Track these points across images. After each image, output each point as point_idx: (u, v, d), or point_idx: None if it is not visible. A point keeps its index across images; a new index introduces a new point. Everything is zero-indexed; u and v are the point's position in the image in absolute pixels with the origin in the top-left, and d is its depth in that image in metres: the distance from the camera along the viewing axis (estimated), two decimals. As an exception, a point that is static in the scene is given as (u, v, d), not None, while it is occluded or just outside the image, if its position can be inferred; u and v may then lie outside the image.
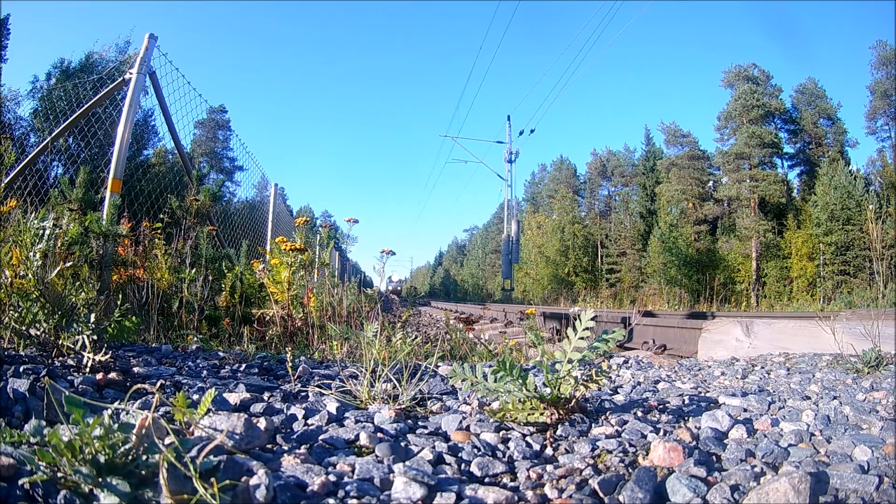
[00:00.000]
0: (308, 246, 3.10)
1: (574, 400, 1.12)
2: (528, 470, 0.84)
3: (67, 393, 0.82)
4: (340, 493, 0.71)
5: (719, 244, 25.61)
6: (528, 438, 0.99)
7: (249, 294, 3.29)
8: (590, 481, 0.79)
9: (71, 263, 1.73)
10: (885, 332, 1.99)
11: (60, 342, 1.44)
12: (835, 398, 1.34)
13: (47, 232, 1.79)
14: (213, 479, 0.70)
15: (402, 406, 1.21)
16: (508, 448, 0.94)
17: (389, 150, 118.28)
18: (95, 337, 1.43)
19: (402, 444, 0.94)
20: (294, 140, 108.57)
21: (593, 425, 1.08)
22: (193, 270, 3.05)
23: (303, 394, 1.34)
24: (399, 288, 40.82)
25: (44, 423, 0.79)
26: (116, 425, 0.70)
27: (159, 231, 3.46)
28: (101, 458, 0.65)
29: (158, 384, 1.32)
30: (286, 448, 0.88)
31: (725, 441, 1.01)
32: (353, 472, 0.78)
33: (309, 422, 1.07)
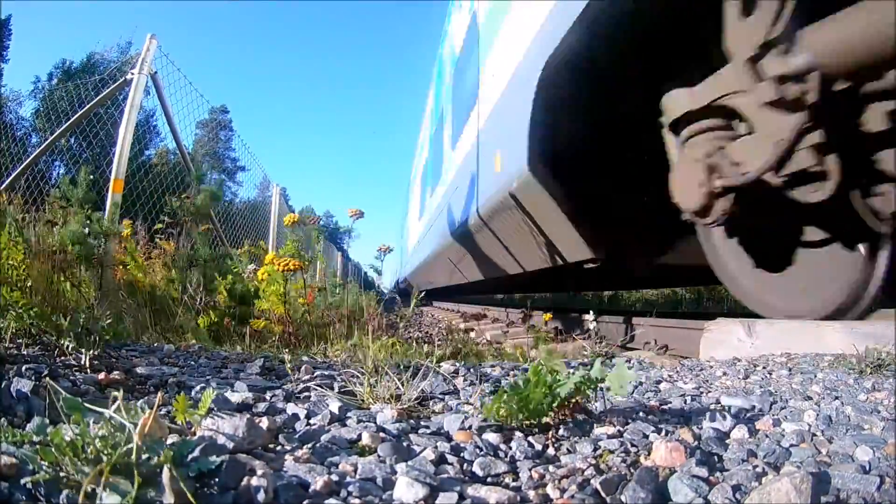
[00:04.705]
0: (308, 245, 3.11)
1: (576, 400, 1.11)
2: (530, 470, 0.84)
3: (66, 395, 0.82)
4: (343, 493, 0.71)
5: (721, 244, 25.44)
6: (530, 438, 0.99)
7: (246, 295, 3.30)
8: (592, 481, 0.79)
9: (72, 264, 1.74)
10: (885, 332, 1.99)
11: (62, 342, 1.44)
12: (836, 398, 1.34)
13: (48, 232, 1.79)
14: (215, 479, 0.70)
15: (405, 406, 1.21)
16: (510, 448, 0.94)
17: (391, 150, 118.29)
18: (97, 337, 1.44)
19: (405, 443, 0.94)
20: (296, 140, 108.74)
21: (595, 425, 1.08)
22: (189, 271, 3.06)
23: (305, 393, 1.34)
24: None
25: (47, 421, 0.79)
26: (118, 425, 0.70)
27: (160, 231, 3.47)
28: (104, 458, 0.65)
29: (161, 383, 1.32)
30: (288, 448, 0.88)
31: (727, 441, 1.01)
32: (355, 471, 0.78)
33: (311, 421, 1.07)
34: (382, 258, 2.33)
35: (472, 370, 1.81)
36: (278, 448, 0.89)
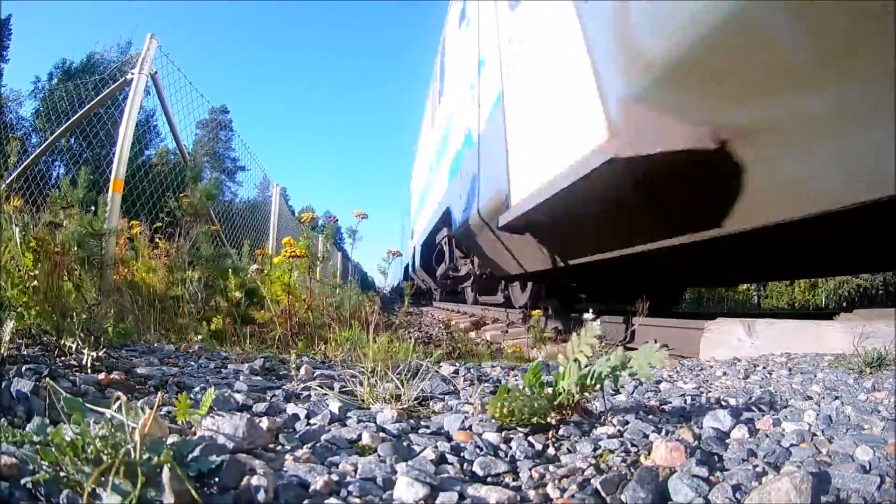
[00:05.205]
0: (310, 245, 3.11)
1: (576, 400, 1.12)
2: (530, 470, 0.84)
3: (66, 395, 0.82)
4: (343, 493, 0.71)
5: (721, 244, 25.37)
6: (530, 438, 0.99)
7: (247, 294, 3.29)
8: (592, 481, 0.79)
9: (72, 264, 1.74)
10: (885, 331, 1.99)
11: (62, 342, 1.44)
12: (836, 398, 1.34)
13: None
14: (215, 479, 0.70)
15: (405, 406, 1.21)
16: (511, 448, 0.94)
17: (393, 149, 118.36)
18: (97, 337, 1.44)
19: (405, 443, 0.94)
20: (296, 140, 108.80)
21: (595, 425, 1.08)
22: (190, 270, 3.06)
23: (305, 393, 1.34)
24: None
25: (47, 421, 0.79)
26: (119, 425, 0.70)
27: (159, 230, 3.47)
28: (104, 458, 0.65)
29: (161, 384, 1.32)
30: (289, 448, 0.89)
31: (727, 441, 1.01)
32: (355, 471, 0.79)
33: (311, 421, 1.07)
34: (390, 261, 2.33)
35: (471, 370, 1.81)
36: (278, 448, 0.89)
